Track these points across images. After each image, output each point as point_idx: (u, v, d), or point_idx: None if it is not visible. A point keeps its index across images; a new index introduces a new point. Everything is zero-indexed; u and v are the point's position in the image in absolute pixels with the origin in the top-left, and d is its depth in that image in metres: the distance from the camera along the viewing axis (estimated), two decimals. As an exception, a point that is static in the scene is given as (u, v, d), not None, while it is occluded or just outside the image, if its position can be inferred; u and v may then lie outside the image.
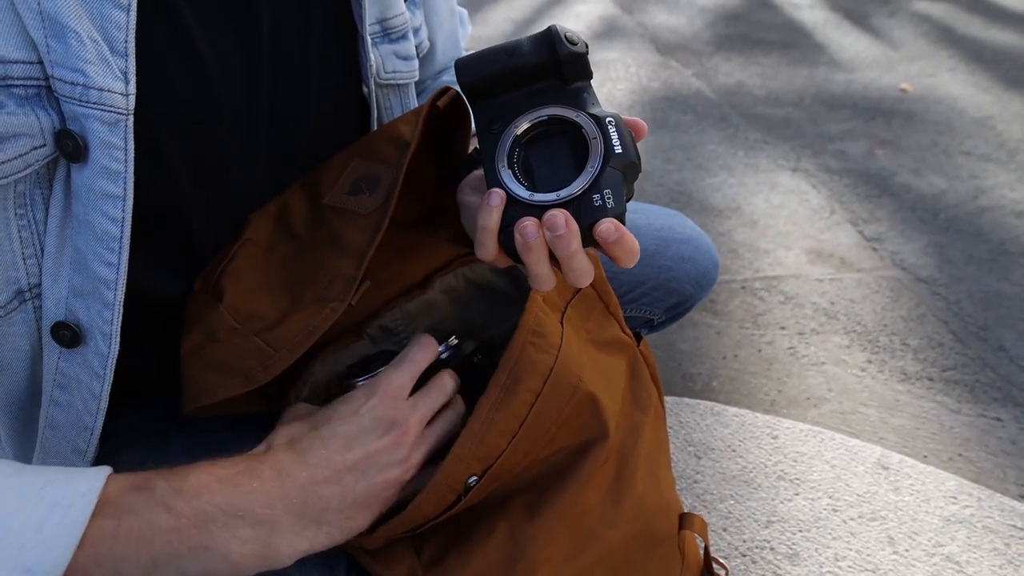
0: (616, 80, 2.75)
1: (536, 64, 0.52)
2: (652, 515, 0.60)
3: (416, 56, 0.73)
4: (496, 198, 0.50)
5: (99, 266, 0.51)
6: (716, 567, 0.68)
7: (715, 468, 1.23)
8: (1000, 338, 1.58)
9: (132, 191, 0.50)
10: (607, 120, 0.51)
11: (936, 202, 2.08)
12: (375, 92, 0.69)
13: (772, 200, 2.06)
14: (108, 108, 0.48)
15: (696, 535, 0.64)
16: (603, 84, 2.69)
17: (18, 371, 0.55)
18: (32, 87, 0.47)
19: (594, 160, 0.50)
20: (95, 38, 0.47)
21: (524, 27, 3.23)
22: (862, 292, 1.71)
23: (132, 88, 0.49)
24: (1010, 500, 1.20)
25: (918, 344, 1.56)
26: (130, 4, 0.48)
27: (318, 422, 0.52)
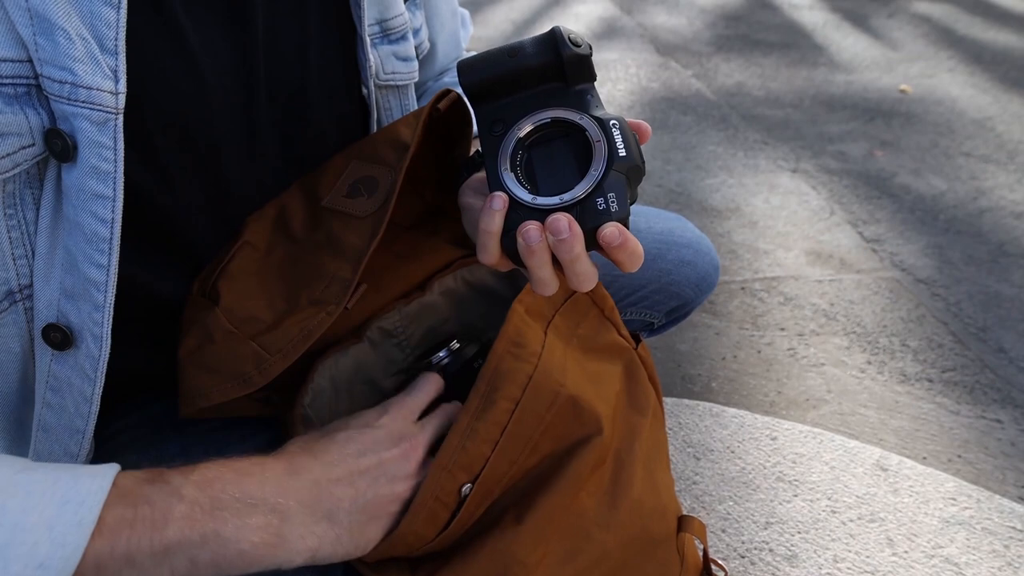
0: (616, 81, 2.75)
1: (539, 66, 0.51)
2: (650, 517, 0.60)
3: (416, 57, 0.73)
4: (499, 202, 0.49)
5: (89, 268, 0.50)
6: (715, 569, 0.68)
7: (714, 469, 1.23)
8: (1000, 339, 1.59)
9: (122, 192, 0.49)
10: (611, 123, 0.50)
11: (936, 203, 2.08)
12: (374, 93, 0.69)
13: (772, 201, 2.06)
14: (97, 107, 0.47)
15: (695, 537, 0.64)
16: (603, 84, 2.69)
17: (10, 373, 0.54)
18: (21, 85, 0.46)
19: (598, 163, 0.49)
20: (84, 36, 0.46)
21: (524, 28, 3.23)
22: (862, 293, 1.71)
23: (122, 87, 0.48)
24: (1009, 502, 1.20)
25: (918, 345, 1.56)
26: (120, 2, 0.47)
27: (331, 430, 0.53)
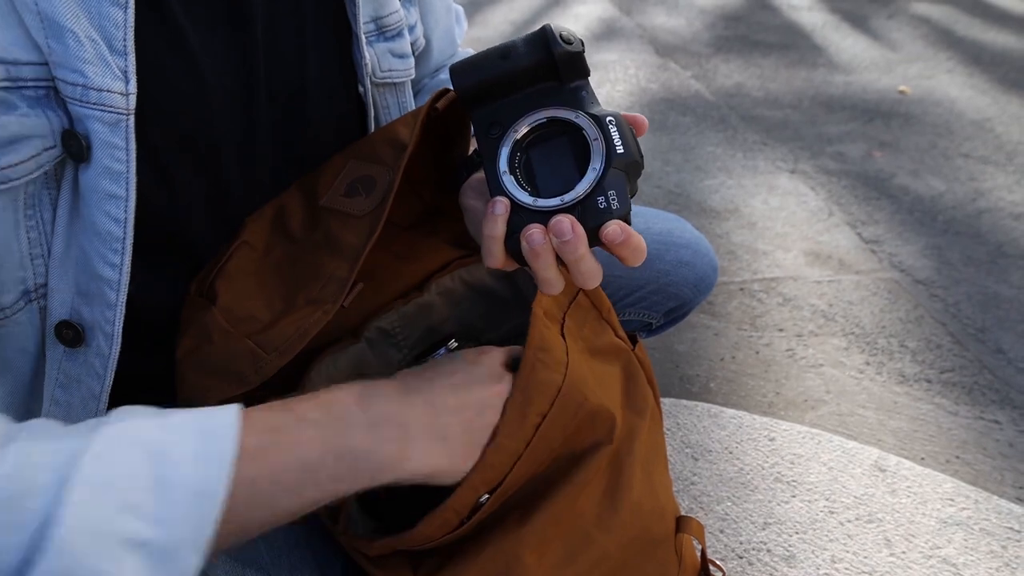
0: (615, 82, 2.75)
1: (532, 66, 0.52)
2: (648, 518, 0.60)
3: (412, 54, 0.73)
4: (500, 207, 0.49)
5: (103, 267, 0.51)
6: (713, 569, 0.68)
7: (712, 470, 1.23)
8: (998, 340, 1.59)
9: (134, 192, 0.50)
10: (607, 119, 0.50)
11: (934, 204, 2.08)
12: (371, 92, 0.69)
13: (770, 202, 2.06)
14: (108, 108, 0.48)
15: (693, 538, 0.64)
16: (602, 85, 2.70)
17: (22, 370, 0.55)
18: (41, 88, 0.47)
19: (596, 161, 0.49)
20: (93, 37, 0.47)
21: (523, 28, 3.23)
22: (860, 294, 1.71)
23: (132, 87, 0.49)
24: (1007, 502, 1.20)
25: (916, 346, 1.56)
26: (128, 1, 0.48)
27: (435, 363, 0.55)
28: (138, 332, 0.59)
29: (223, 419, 0.42)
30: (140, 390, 0.66)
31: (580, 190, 0.49)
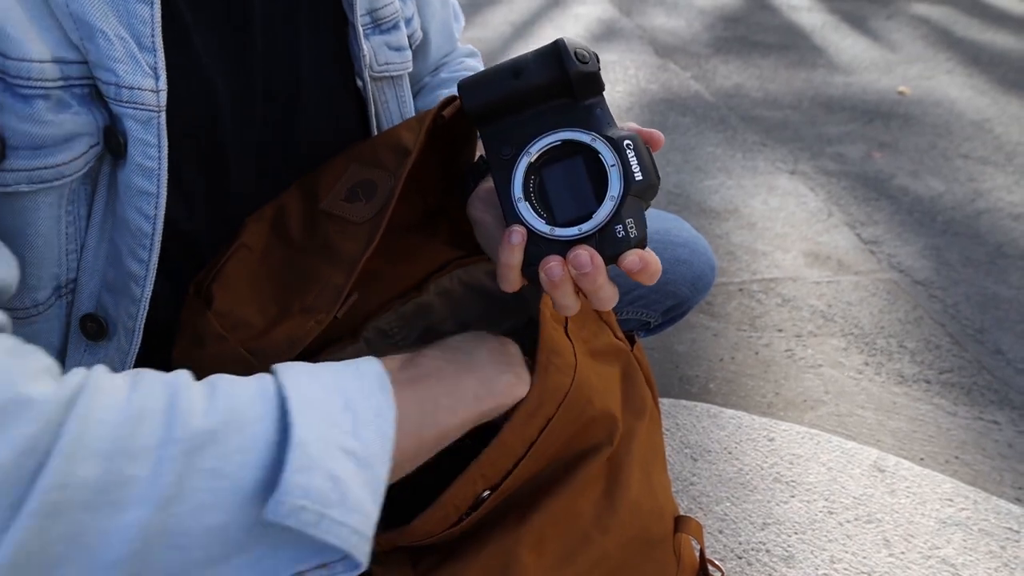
0: (615, 82, 2.75)
1: (545, 84, 0.50)
2: (647, 518, 0.60)
3: (409, 47, 0.73)
4: (517, 236, 0.49)
5: (131, 262, 0.52)
6: (712, 569, 0.68)
7: (711, 470, 1.23)
8: (997, 341, 1.59)
9: (165, 189, 0.51)
10: (625, 143, 0.49)
11: (934, 205, 2.08)
12: (370, 85, 0.69)
13: (770, 202, 2.06)
14: (140, 106, 0.49)
15: (692, 538, 0.64)
16: (602, 86, 2.69)
17: None
18: (86, 87, 0.48)
19: (614, 188, 0.48)
20: (122, 35, 0.48)
21: (523, 29, 3.24)
22: (859, 295, 1.71)
23: (163, 84, 0.49)
24: (1006, 503, 1.20)
25: (915, 347, 1.56)
26: None
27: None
28: (147, 330, 0.59)
29: (367, 361, 0.48)
30: None
31: (598, 219, 0.48)
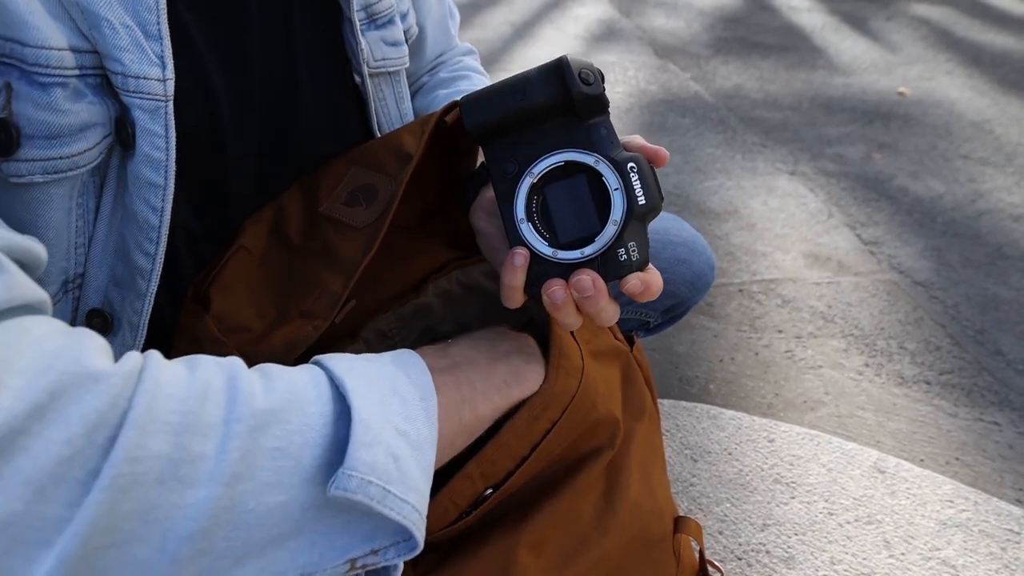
0: (614, 83, 2.75)
1: (548, 103, 0.50)
2: (647, 519, 0.60)
3: (405, 42, 0.73)
4: (520, 259, 0.49)
5: (138, 255, 0.52)
6: (711, 570, 0.67)
7: (711, 471, 1.23)
8: (997, 342, 1.58)
9: (173, 181, 0.50)
10: (628, 166, 0.49)
11: (934, 206, 2.08)
12: (368, 81, 0.68)
13: (770, 203, 2.06)
14: (147, 96, 0.48)
15: (691, 539, 0.64)
16: (601, 87, 2.69)
17: None
18: (98, 76, 0.48)
19: (617, 212, 0.48)
20: (128, 23, 0.47)
21: (523, 30, 3.24)
22: (859, 295, 1.71)
23: (169, 73, 0.49)
24: (1007, 504, 1.20)
25: (915, 348, 1.56)
26: None
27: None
28: (150, 328, 0.59)
29: (406, 351, 0.49)
30: None
31: (601, 243, 0.48)
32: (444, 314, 0.67)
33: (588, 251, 0.48)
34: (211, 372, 0.40)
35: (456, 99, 0.61)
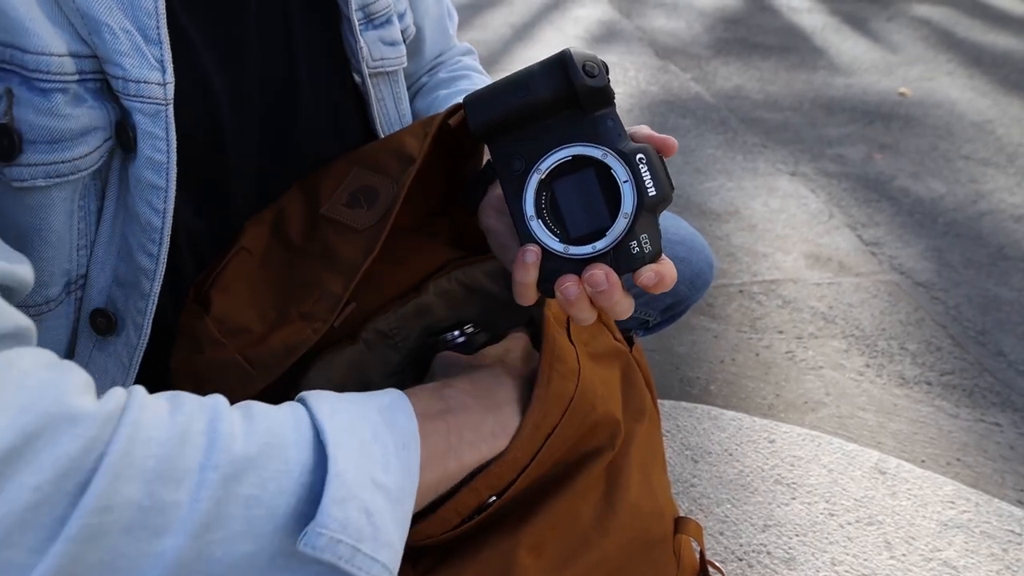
0: (615, 84, 2.75)
1: (552, 97, 0.49)
2: (647, 520, 0.60)
3: (403, 41, 0.73)
4: (532, 256, 0.49)
5: (142, 257, 0.52)
6: (712, 571, 0.67)
7: (712, 472, 1.23)
8: (999, 343, 1.58)
9: (174, 183, 0.51)
10: (638, 158, 0.48)
11: (935, 206, 2.08)
12: (368, 80, 0.68)
13: (770, 204, 2.06)
14: (147, 100, 0.49)
15: (692, 539, 0.64)
16: (602, 88, 2.69)
17: None
18: (99, 80, 0.48)
19: (628, 205, 0.48)
20: (128, 28, 0.48)
21: (523, 31, 3.24)
22: (860, 296, 1.71)
23: (169, 76, 0.49)
24: (1008, 505, 1.19)
25: (916, 348, 1.56)
26: None
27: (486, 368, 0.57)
28: (153, 327, 0.59)
29: (393, 393, 0.48)
30: (159, 386, 0.66)
31: (612, 236, 0.48)
32: (444, 314, 0.66)
33: (600, 245, 0.48)
34: (193, 413, 0.39)
35: (460, 101, 0.61)
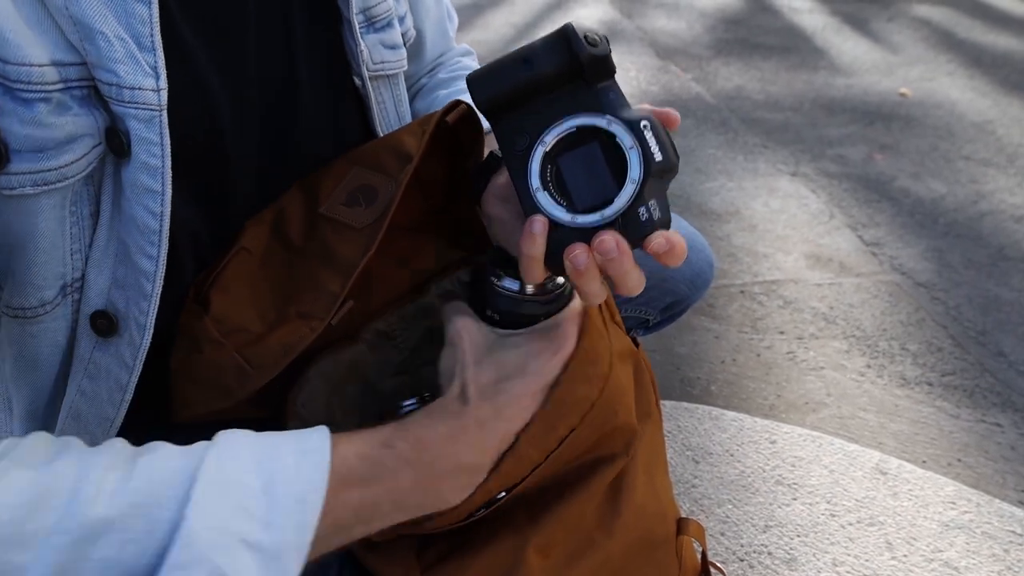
0: (616, 84, 2.75)
1: (555, 72, 0.49)
2: (650, 521, 0.60)
3: (403, 45, 0.73)
4: (539, 226, 0.48)
5: (141, 259, 0.52)
6: (713, 572, 0.67)
7: (713, 473, 1.23)
8: (999, 343, 1.58)
9: (170, 186, 0.51)
10: (642, 124, 0.48)
11: (935, 207, 2.08)
12: (368, 83, 0.68)
13: (771, 204, 2.06)
14: (142, 106, 0.49)
15: (694, 540, 0.64)
16: (603, 88, 2.69)
17: (49, 366, 0.55)
18: (85, 88, 0.49)
19: (635, 171, 0.47)
20: (122, 36, 0.48)
21: (525, 32, 3.24)
22: (861, 297, 1.71)
23: (163, 83, 0.50)
24: (1009, 506, 1.19)
25: (917, 349, 1.56)
26: None
27: (504, 372, 0.52)
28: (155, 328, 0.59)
29: (317, 438, 0.45)
30: (148, 394, 0.66)
31: (620, 203, 0.47)
32: (446, 315, 0.66)
33: (608, 212, 0.47)
34: (62, 471, 0.39)
35: (457, 99, 0.61)
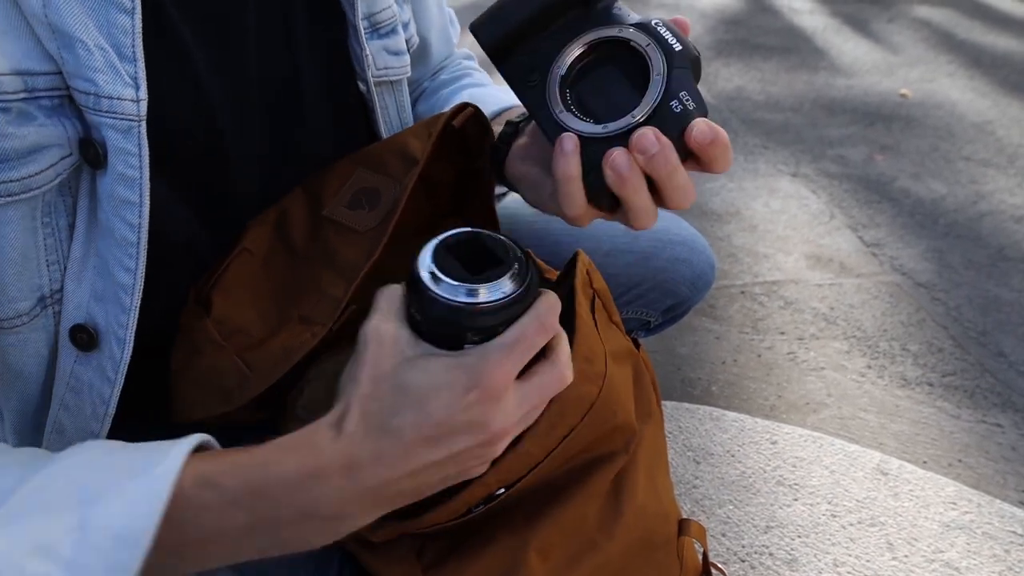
0: (616, 85, 2.75)
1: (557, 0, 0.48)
2: (652, 522, 0.60)
3: (407, 51, 0.73)
4: (570, 143, 0.46)
5: (119, 271, 0.51)
6: (715, 573, 0.67)
7: (714, 473, 1.23)
8: (1000, 343, 1.58)
9: (148, 197, 0.50)
10: (654, 23, 0.46)
11: (936, 207, 2.08)
12: (373, 88, 0.68)
13: (771, 205, 2.06)
14: (120, 116, 0.48)
15: (695, 541, 0.64)
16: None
17: (35, 377, 0.55)
18: (56, 97, 0.48)
19: (658, 67, 0.45)
20: (103, 45, 0.47)
21: (524, 32, 3.24)
22: (861, 297, 1.71)
23: (143, 94, 0.49)
24: (1010, 506, 1.19)
25: (918, 349, 1.56)
26: (134, 7, 0.48)
27: (400, 403, 0.42)
28: (143, 337, 0.59)
29: (175, 455, 0.40)
30: (147, 395, 0.66)
31: (650, 100, 0.44)
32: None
33: (638, 113, 0.45)
34: None
35: (464, 102, 0.60)
